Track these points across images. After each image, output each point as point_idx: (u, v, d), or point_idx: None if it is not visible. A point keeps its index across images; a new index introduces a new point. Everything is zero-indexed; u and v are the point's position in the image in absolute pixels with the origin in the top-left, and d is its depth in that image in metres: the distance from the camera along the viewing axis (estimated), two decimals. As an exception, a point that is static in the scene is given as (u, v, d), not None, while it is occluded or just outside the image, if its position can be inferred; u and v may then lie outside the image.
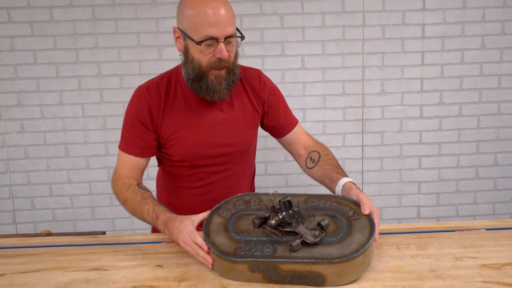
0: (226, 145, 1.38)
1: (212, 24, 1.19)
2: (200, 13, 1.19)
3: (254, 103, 1.41)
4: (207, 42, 1.20)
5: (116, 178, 1.38)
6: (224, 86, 1.27)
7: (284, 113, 1.47)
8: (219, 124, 1.36)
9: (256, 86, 1.41)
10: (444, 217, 2.54)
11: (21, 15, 2.27)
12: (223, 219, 1.17)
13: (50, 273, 1.14)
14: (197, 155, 1.36)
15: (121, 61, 2.33)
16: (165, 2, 2.29)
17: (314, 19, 2.34)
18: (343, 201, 1.19)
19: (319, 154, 1.42)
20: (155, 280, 1.08)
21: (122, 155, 1.38)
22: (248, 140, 1.43)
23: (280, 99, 1.47)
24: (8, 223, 2.44)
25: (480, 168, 2.50)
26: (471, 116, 2.44)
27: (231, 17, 1.23)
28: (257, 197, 1.23)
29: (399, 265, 1.11)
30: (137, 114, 1.33)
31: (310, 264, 0.99)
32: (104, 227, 2.45)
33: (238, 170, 1.44)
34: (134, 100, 1.36)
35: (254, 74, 1.43)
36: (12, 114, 2.35)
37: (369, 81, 2.40)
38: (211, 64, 1.24)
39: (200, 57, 1.24)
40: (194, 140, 1.35)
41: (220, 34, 1.20)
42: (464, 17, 2.35)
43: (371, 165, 2.48)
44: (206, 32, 1.19)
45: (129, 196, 1.30)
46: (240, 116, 1.39)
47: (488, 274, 1.04)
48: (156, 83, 1.35)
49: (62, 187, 2.43)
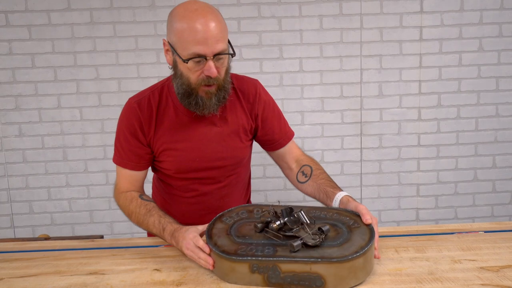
0: (218, 159, 1.36)
1: (200, 41, 1.13)
2: (188, 28, 1.13)
3: (248, 116, 1.38)
4: (195, 59, 1.16)
5: (118, 192, 1.38)
6: (214, 101, 1.24)
7: (279, 127, 1.43)
8: (211, 138, 1.34)
9: (251, 98, 1.37)
10: (443, 219, 2.53)
11: (19, 19, 2.27)
12: (225, 225, 1.18)
13: (47, 277, 1.14)
14: (189, 169, 1.35)
15: (119, 65, 2.33)
16: (163, 5, 2.29)
17: (312, 22, 2.34)
18: (344, 212, 1.20)
19: (311, 168, 1.40)
20: (153, 284, 1.08)
21: (119, 169, 1.37)
22: (241, 153, 1.40)
23: (275, 113, 1.42)
24: (6, 227, 2.43)
25: (479, 170, 2.50)
26: (469, 118, 2.44)
27: (222, 32, 1.16)
28: (260, 208, 1.25)
29: (397, 268, 1.11)
30: (129, 129, 1.31)
31: (309, 264, 0.99)
32: (102, 231, 2.45)
33: (231, 181, 1.43)
34: (125, 115, 1.32)
35: (250, 85, 1.38)
36: (10, 118, 2.35)
37: (367, 83, 2.40)
38: (200, 81, 1.20)
39: (188, 74, 1.20)
40: (186, 154, 1.33)
41: (209, 51, 1.14)
42: (461, 19, 2.35)
43: (369, 168, 2.48)
44: (193, 49, 1.14)
45: (133, 209, 1.30)
46: (233, 130, 1.36)
47: (487, 277, 1.04)
48: (147, 97, 1.31)
49: (60, 191, 2.42)
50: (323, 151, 2.45)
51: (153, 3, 2.29)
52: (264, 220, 1.14)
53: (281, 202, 2.47)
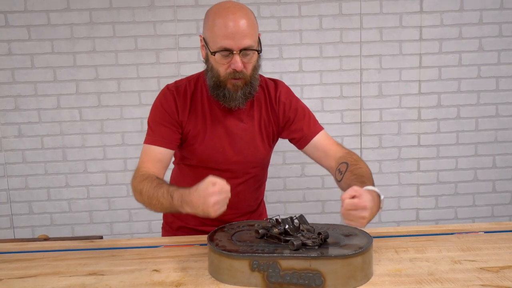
0: (239, 154, 1.40)
1: (228, 36, 1.22)
2: (219, 24, 1.23)
3: (271, 117, 1.42)
4: (223, 53, 1.24)
5: (136, 173, 1.32)
6: (240, 95, 1.30)
7: (307, 125, 1.43)
8: (238, 133, 1.39)
9: (273, 100, 1.42)
10: (443, 219, 2.53)
11: (18, 19, 2.27)
12: (227, 233, 1.20)
13: (46, 278, 1.14)
14: (212, 159, 1.39)
15: (118, 65, 2.33)
16: (163, 5, 2.28)
17: (312, 22, 2.34)
18: (343, 226, 1.20)
19: (347, 164, 1.35)
20: (152, 285, 1.07)
21: (146, 149, 1.36)
22: (261, 153, 1.43)
23: (298, 112, 1.43)
24: (6, 228, 2.43)
25: (479, 170, 2.50)
26: (469, 118, 2.44)
27: (251, 29, 1.24)
28: (260, 223, 1.26)
29: (397, 268, 1.11)
30: (165, 107, 1.36)
31: (309, 260, 1.00)
32: (102, 231, 2.44)
33: (249, 179, 1.46)
34: (163, 96, 1.39)
35: (273, 87, 1.43)
36: (10, 118, 2.34)
37: (367, 83, 2.40)
38: (228, 75, 1.27)
39: (218, 66, 1.28)
40: (212, 144, 1.38)
41: (235, 46, 1.23)
42: (461, 19, 2.35)
43: (369, 168, 2.47)
44: (221, 43, 1.23)
45: (145, 185, 1.24)
46: (257, 129, 1.41)
47: (487, 277, 1.04)
48: (184, 85, 1.40)
49: (60, 191, 2.42)
50: (323, 151, 2.44)
51: (152, 3, 2.28)
52: (265, 226, 1.16)
53: (281, 202, 2.47)
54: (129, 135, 2.38)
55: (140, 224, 2.46)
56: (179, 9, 2.29)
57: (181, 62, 2.31)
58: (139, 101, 2.35)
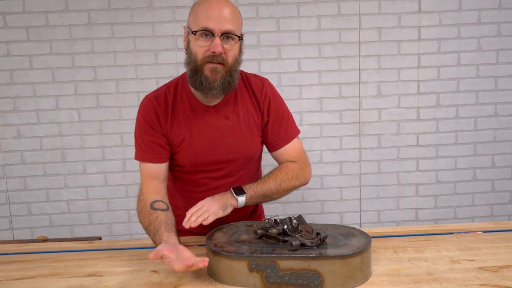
0: (229, 153, 1.39)
1: (211, 17, 1.23)
2: (204, 7, 1.25)
3: (258, 111, 1.41)
4: (204, 33, 1.24)
5: (138, 196, 1.38)
6: (219, 83, 1.27)
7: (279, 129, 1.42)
8: (224, 131, 1.37)
9: (258, 94, 1.41)
10: (442, 219, 2.53)
11: (17, 20, 2.26)
12: (226, 234, 1.20)
13: (45, 279, 1.14)
14: (202, 161, 1.38)
15: (117, 66, 2.32)
16: (161, 6, 2.28)
17: (310, 22, 2.34)
18: (341, 226, 1.21)
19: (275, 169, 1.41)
20: (151, 286, 1.07)
21: (141, 167, 1.39)
22: (252, 148, 1.42)
23: (278, 113, 1.42)
24: (5, 229, 2.43)
25: (478, 170, 2.50)
26: (468, 118, 2.44)
27: (234, 18, 1.26)
28: (259, 224, 1.26)
29: (396, 268, 1.11)
30: (147, 121, 1.36)
31: (308, 260, 1.00)
32: (101, 232, 2.44)
33: (242, 177, 1.45)
34: (143, 109, 1.38)
35: (258, 82, 1.42)
36: (8, 120, 2.34)
37: (365, 83, 2.40)
38: (205, 58, 1.25)
39: (196, 49, 1.26)
40: (200, 147, 1.36)
41: (216, 28, 1.23)
42: (460, 19, 2.35)
43: (368, 168, 2.47)
44: (203, 23, 1.23)
45: (141, 218, 1.31)
46: (245, 124, 1.39)
47: (485, 277, 1.04)
48: (163, 92, 1.38)
49: (59, 192, 2.42)
50: (321, 152, 2.44)
51: (151, 4, 2.28)
52: (263, 226, 1.16)
53: (279, 202, 2.47)
54: (128, 136, 2.37)
55: (139, 225, 2.42)
56: (178, 10, 2.29)
57: (180, 63, 2.31)
58: (138, 102, 2.34)
